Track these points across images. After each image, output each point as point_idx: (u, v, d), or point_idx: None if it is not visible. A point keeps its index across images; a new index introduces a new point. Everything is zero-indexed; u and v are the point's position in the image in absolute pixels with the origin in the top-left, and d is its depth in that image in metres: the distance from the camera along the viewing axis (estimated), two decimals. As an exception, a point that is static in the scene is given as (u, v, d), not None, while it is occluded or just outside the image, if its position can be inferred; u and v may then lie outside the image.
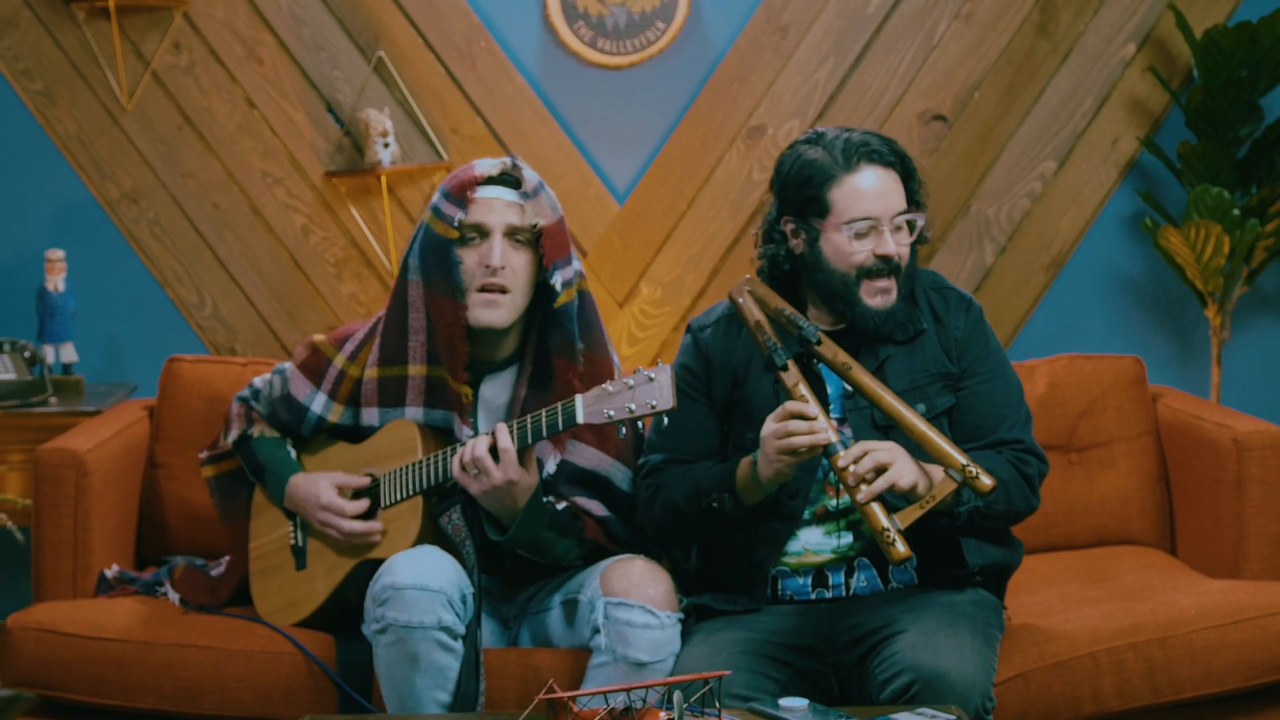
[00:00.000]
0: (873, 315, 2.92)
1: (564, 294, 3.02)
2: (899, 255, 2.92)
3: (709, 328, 3.07)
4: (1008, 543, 3.00)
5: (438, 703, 2.87)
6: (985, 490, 2.73)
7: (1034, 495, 2.95)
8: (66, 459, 3.29)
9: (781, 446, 2.77)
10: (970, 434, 2.95)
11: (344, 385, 3.17)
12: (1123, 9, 4.25)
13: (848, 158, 2.92)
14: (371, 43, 4.23)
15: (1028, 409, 3.02)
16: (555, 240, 3.02)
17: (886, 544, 2.71)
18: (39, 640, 3.13)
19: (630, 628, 2.85)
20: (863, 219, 2.91)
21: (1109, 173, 4.31)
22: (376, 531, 3.06)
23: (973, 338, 3.00)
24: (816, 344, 2.87)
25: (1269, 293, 4.34)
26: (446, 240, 3.01)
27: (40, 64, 4.22)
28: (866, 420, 2.91)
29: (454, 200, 3.02)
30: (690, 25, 4.24)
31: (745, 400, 3.00)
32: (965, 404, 2.97)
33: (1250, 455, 3.32)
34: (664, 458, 3.02)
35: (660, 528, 3.01)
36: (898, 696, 2.68)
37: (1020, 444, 2.95)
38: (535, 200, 3.03)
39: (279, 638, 3.11)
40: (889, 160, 2.94)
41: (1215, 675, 3.07)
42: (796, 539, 2.95)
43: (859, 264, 2.91)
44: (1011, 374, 3.03)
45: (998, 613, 2.94)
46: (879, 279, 2.92)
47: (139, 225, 4.28)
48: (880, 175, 2.93)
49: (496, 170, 3.04)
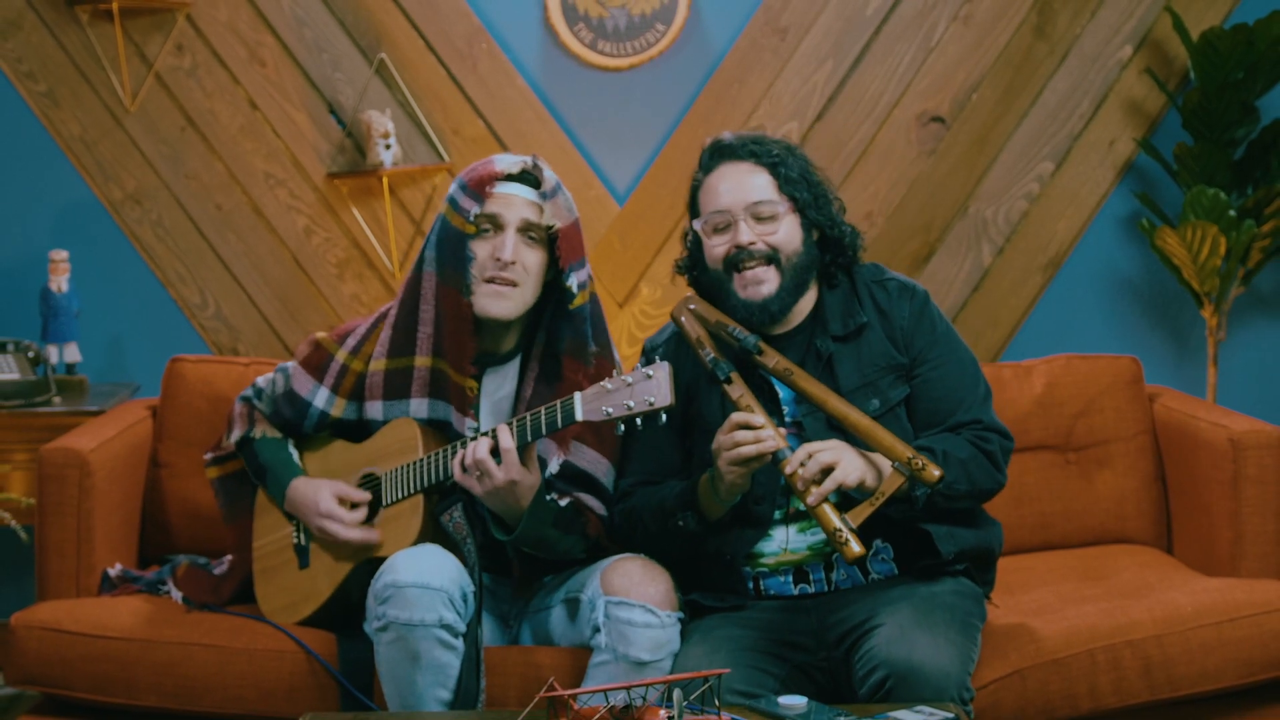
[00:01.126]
0: (746, 306, 2.94)
1: (580, 296, 3.03)
2: (765, 244, 2.94)
3: (660, 346, 3.10)
4: (981, 524, 3.00)
5: (439, 700, 2.87)
6: (933, 480, 2.75)
7: (999, 471, 2.94)
8: (70, 458, 3.29)
9: (730, 458, 2.80)
10: (928, 420, 2.96)
11: (346, 379, 3.17)
12: (1120, 11, 4.26)
13: (707, 161, 3.00)
14: (373, 44, 4.24)
15: (986, 386, 3.02)
16: (571, 242, 3.03)
17: (840, 543, 2.73)
18: (43, 639, 3.13)
19: (631, 626, 2.86)
20: (714, 212, 2.96)
21: (1106, 174, 4.31)
22: (375, 539, 3.06)
23: (919, 324, 3.00)
24: (757, 354, 2.90)
25: (1265, 293, 4.35)
26: (462, 234, 3.01)
27: (44, 66, 4.23)
28: (821, 421, 2.92)
29: (471, 194, 3.02)
30: (690, 27, 4.25)
31: (700, 415, 3.02)
32: (920, 391, 2.98)
33: (1246, 455, 3.32)
34: (633, 481, 3.05)
35: (642, 551, 3.01)
36: (874, 692, 2.70)
37: (978, 423, 2.95)
38: (553, 201, 3.03)
39: (281, 636, 3.12)
40: (743, 155, 2.98)
41: (1212, 673, 3.08)
42: (771, 539, 2.96)
43: (721, 256, 2.96)
44: (965, 354, 3.03)
45: (979, 602, 2.94)
46: (747, 270, 2.93)
47: (142, 226, 4.29)
48: (732, 169, 2.97)
49: (517, 168, 3.04)
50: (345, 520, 3.08)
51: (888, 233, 4.31)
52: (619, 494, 3.06)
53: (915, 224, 4.32)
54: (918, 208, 4.33)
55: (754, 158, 2.98)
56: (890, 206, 4.31)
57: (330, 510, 3.09)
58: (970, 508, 2.97)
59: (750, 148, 2.99)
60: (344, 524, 3.08)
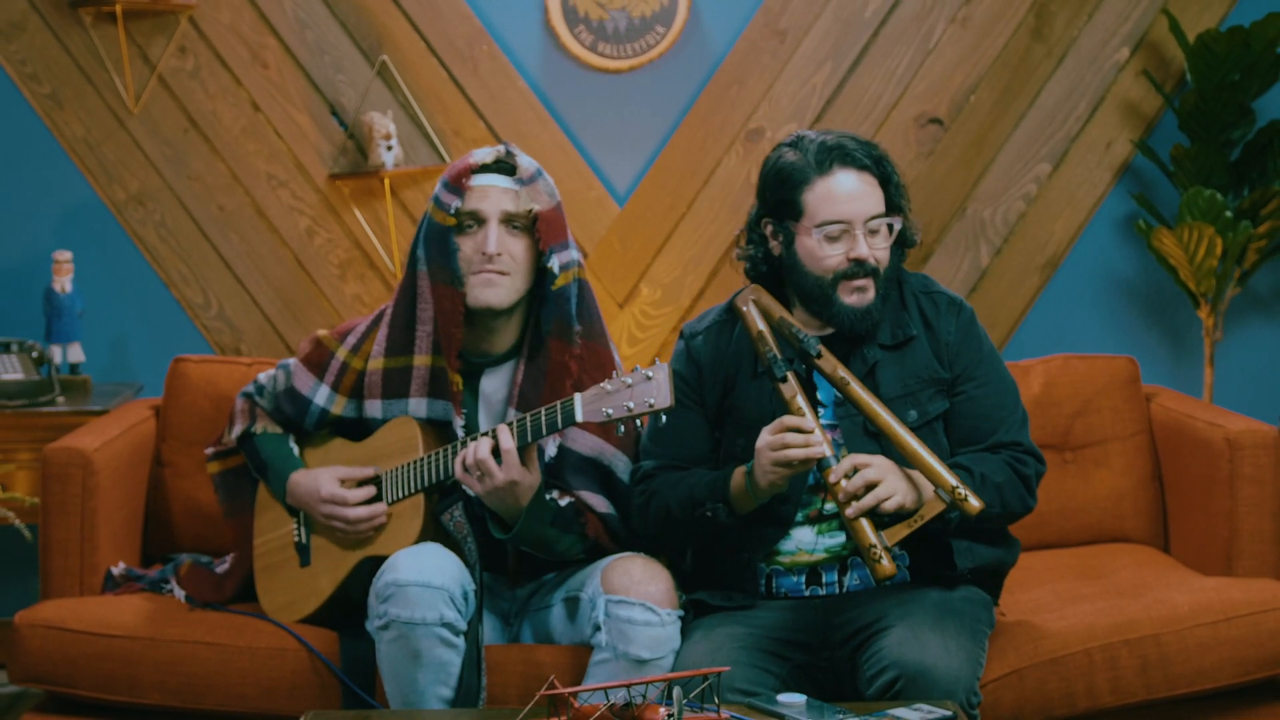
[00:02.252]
0: (849, 313, 2.91)
1: (561, 276, 3.03)
2: (874, 259, 2.91)
3: (700, 334, 3.07)
4: (1002, 542, 3.00)
5: (440, 698, 2.88)
6: (973, 512, 2.73)
7: (1031, 496, 2.94)
8: (74, 458, 3.29)
9: (777, 459, 2.78)
10: (967, 438, 2.95)
11: (346, 377, 3.17)
12: (1117, 13, 4.26)
13: (820, 161, 2.91)
14: (375, 46, 4.25)
15: (1024, 410, 3.01)
16: (552, 225, 3.04)
17: (873, 560, 2.73)
18: (46, 637, 3.13)
19: (631, 625, 2.86)
20: (834, 222, 2.90)
21: (1103, 175, 4.32)
22: (381, 514, 3.07)
23: (965, 342, 2.99)
24: (817, 357, 2.88)
25: (1261, 294, 4.35)
26: (445, 228, 3.03)
27: (48, 68, 4.23)
28: (858, 427, 2.91)
29: (451, 189, 3.04)
30: (689, 29, 4.25)
31: (736, 407, 3.00)
32: (961, 408, 2.96)
33: (1242, 454, 3.32)
34: (657, 464, 3.03)
35: (655, 533, 3.01)
36: (884, 691, 2.70)
37: (1018, 446, 2.95)
38: (531, 186, 3.04)
39: (283, 634, 3.12)
40: (863, 164, 2.93)
41: (1208, 671, 3.08)
42: (789, 539, 2.96)
43: (833, 268, 2.91)
44: (1006, 376, 3.02)
45: (988, 609, 2.94)
46: (854, 279, 2.91)
47: (145, 227, 4.29)
48: (854, 178, 2.92)
49: (491, 158, 3.05)
50: (349, 500, 3.08)
51: (886, 234, 4.33)
52: (641, 474, 3.04)
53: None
54: (916, 208, 4.19)
55: (871, 169, 2.94)
56: (889, 207, 4.33)
57: (332, 494, 3.09)
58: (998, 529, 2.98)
59: (869, 155, 2.94)
60: (348, 504, 3.08)
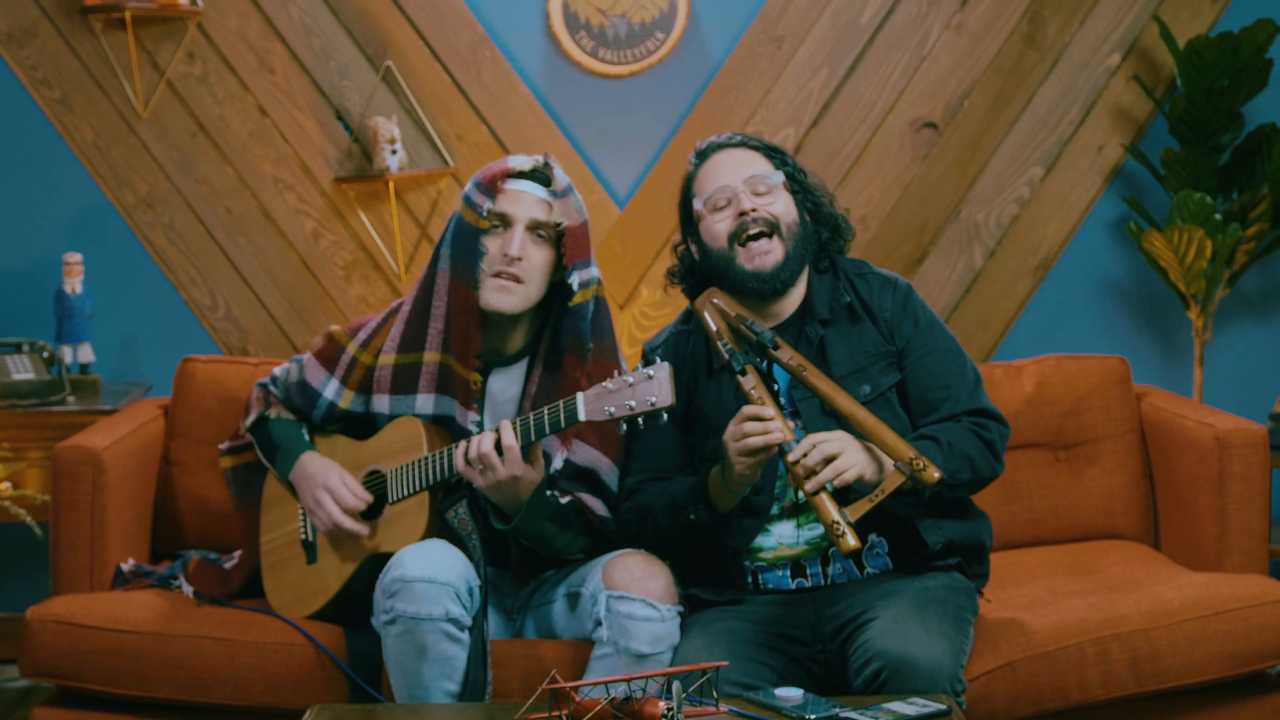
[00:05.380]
0: (753, 278, 2.98)
1: (580, 294, 3.05)
2: (768, 213, 2.98)
3: (660, 347, 3.13)
4: (968, 515, 3.02)
5: (446, 692, 2.89)
6: (932, 482, 2.77)
7: (998, 461, 2.97)
8: (84, 456, 3.30)
9: (739, 448, 2.82)
10: (923, 408, 2.99)
11: (356, 372, 3.19)
12: (1108, 20, 4.27)
13: (701, 156, 3.07)
14: (379, 52, 4.26)
15: (975, 370, 3.04)
16: (577, 242, 3.06)
17: (836, 536, 2.75)
18: (57, 632, 3.13)
19: (632, 620, 2.88)
20: (714, 190, 3.00)
21: (1095, 179, 4.33)
22: (362, 535, 3.08)
23: (904, 315, 3.03)
24: (774, 348, 2.93)
25: (1250, 295, 4.36)
26: (476, 229, 3.05)
27: (59, 73, 4.25)
28: (816, 407, 2.95)
29: (484, 190, 3.06)
30: (689, 36, 4.27)
31: (701, 410, 3.05)
32: (912, 380, 3.01)
33: (1231, 452, 3.33)
34: (640, 478, 3.07)
35: (649, 545, 3.03)
36: (869, 683, 2.72)
37: (978, 411, 2.98)
38: (563, 200, 3.07)
39: (290, 629, 3.12)
40: (741, 143, 3.05)
41: (1198, 665, 3.08)
42: (769, 534, 2.99)
43: (727, 232, 2.99)
44: (950, 342, 3.05)
45: (971, 596, 2.96)
46: (752, 243, 2.97)
47: (154, 229, 4.31)
48: (726, 154, 3.05)
49: (529, 166, 3.08)
50: (345, 501, 3.09)
51: (881, 236, 4.34)
52: (626, 491, 3.07)
53: (908, 228, 4.35)
54: (911, 212, 4.35)
55: (745, 145, 3.06)
56: (884, 211, 4.34)
57: (335, 487, 3.10)
58: (964, 498, 3.00)
59: (740, 138, 3.07)
60: (340, 505, 3.09)
